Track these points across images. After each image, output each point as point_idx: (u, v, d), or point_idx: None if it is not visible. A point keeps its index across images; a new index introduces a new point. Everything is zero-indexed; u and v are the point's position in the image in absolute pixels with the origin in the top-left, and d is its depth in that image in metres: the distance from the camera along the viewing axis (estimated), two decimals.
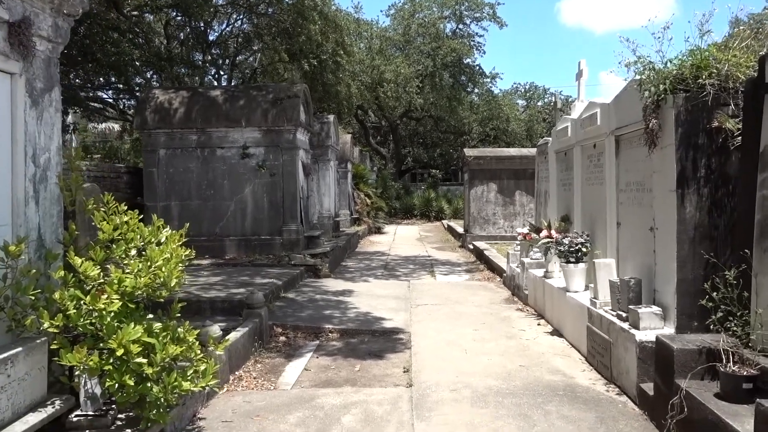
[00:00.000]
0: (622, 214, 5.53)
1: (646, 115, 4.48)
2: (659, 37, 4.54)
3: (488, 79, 37.04)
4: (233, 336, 5.61)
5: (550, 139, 8.72)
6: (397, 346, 6.41)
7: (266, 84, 15.80)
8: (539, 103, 41.42)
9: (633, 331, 4.43)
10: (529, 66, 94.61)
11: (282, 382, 5.34)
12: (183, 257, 3.97)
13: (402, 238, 20.46)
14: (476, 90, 36.81)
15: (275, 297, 8.14)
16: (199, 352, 3.98)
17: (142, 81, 18.15)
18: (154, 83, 18.05)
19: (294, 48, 20.63)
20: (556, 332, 6.60)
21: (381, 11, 77.29)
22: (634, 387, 4.34)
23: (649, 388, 4.11)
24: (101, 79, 15.85)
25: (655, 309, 4.45)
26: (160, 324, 3.76)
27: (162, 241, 4.23)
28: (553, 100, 10.48)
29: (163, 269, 3.71)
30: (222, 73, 23.85)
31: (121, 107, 19.99)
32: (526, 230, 8.96)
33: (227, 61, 24.04)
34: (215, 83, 21.26)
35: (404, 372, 5.49)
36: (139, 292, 3.57)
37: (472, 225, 16.46)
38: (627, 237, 5.41)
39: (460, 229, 19.41)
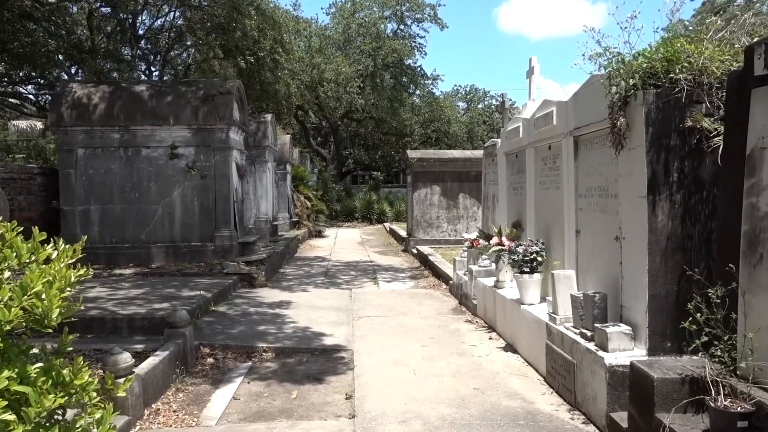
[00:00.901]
0: (582, 222, 5.11)
1: (613, 113, 4.05)
2: (626, 27, 4.13)
3: (429, 81, 36.94)
4: (149, 363, 4.88)
5: (499, 140, 8.32)
6: (339, 366, 5.81)
7: (197, 79, 14.89)
8: (480, 106, 41.62)
9: (601, 353, 3.98)
10: (468, 70, 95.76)
11: (206, 415, 4.64)
12: (73, 279, 3.22)
13: (343, 242, 19.85)
14: (417, 91, 36.59)
15: (204, 311, 7.38)
16: (95, 394, 3.26)
17: (63, 75, 16.87)
18: (79, 78, 16.81)
19: (229, 44, 19.74)
20: (510, 347, 6.15)
21: (321, 9, 76.37)
22: (603, 416, 3.90)
23: (621, 418, 3.66)
24: (20, 73, 14.53)
25: (625, 328, 4.02)
26: (40, 364, 3.02)
27: (53, 258, 3.46)
28: (501, 99, 10.17)
29: (43, 296, 2.97)
30: (153, 69, 22.62)
31: (42, 103, 18.58)
32: (473, 236, 8.52)
33: (158, 56, 22.85)
34: (144, 79, 20.06)
35: (347, 399, 4.89)
36: (8, 327, 2.83)
37: (415, 229, 16.01)
38: (588, 246, 4.99)
39: (403, 233, 18.96)
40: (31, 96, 18.73)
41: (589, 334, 4.28)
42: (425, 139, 37.00)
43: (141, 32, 19.66)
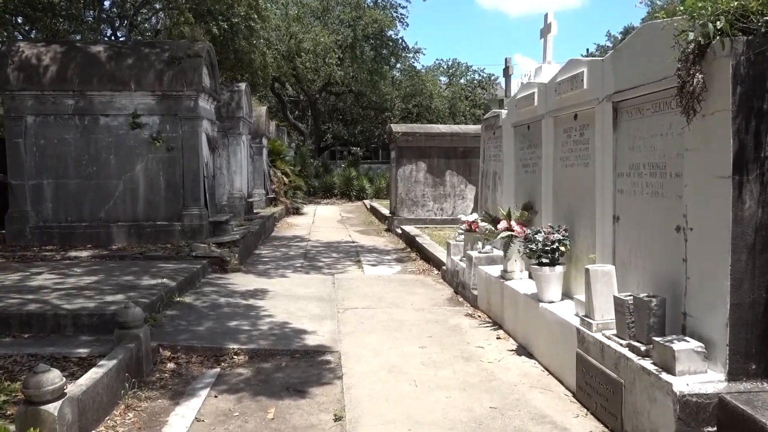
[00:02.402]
0: (622, 206, 4.23)
1: (685, 68, 3.14)
2: None
3: (411, 54, 35.69)
4: (89, 378, 3.90)
5: (503, 111, 7.40)
6: (324, 373, 4.90)
7: (161, 41, 13.63)
8: (462, 81, 40.54)
9: (665, 376, 3.12)
10: (447, 45, 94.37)
11: None
12: None
13: (322, 220, 18.88)
14: (399, 65, 35.34)
15: (166, 304, 6.39)
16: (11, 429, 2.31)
17: (18, 37, 15.43)
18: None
19: (201, 7, 18.45)
20: (524, 351, 5.29)
21: None
22: None
23: None
24: None
25: (695, 345, 3.16)
26: None
27: None
28: (505, 65, 9.20)
29: None
30: (119, 35, 21.14)
31: None
32: (472, 218, 7.64)
33: (125, 21, 21.36)
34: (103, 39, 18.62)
35: (335, 421, 3.99)
36: None
37: (399, 207, 15.09)
38: (631, 237, 4.11)
39: (385, 211, 18.06)
40: None
41: (642, 348, 3.43)
42: (406, 114, 35.88)
43: None
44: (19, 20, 16.16)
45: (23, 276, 7.13)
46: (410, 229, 13.15)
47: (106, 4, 20.32)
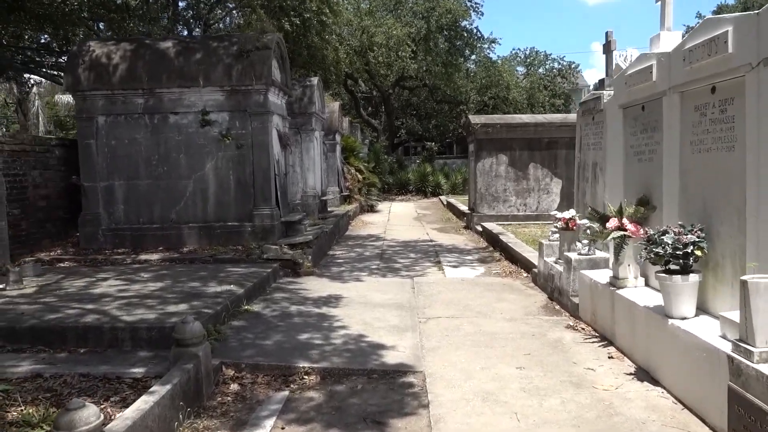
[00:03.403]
0: None
1: None
2: None
3: (486, 45, 34.49)
4: (137, 409, 3.34)
5: (604, 92, 6.45)
6: (407, 400, 4.19)
7: (230, 34, 13.30)
8: (540, 70, 38.87)
9: None
10: (523, 36, 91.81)
11: None
12: None
13: (397, 218, 18.24)
14: (473, 56, 34.19)
15: (232, 314, 5.87)
16: None
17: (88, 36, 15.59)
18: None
19: (273, 4, 18.20)
20: (645, 374, 4.39)
21: None
22: None
23: None
24: (42, 37, 13.25)
25: None
26: None
27: None
28: (607, 39, 8.23)
29: None
30: (194, 35, 21.25)
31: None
32: (568, 215, 6.76)
33: (199, 22, 21.48)
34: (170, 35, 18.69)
35: None
36: None
37: (479, 203, 14.21)
38: None
39: (463, 207, 17.22)
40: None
41: None
42: (481, 107, 34.66)
43: None
44: (100, 25, 16.38)
45: (89, 282, 6.82)
46: (492, 226, 12.27)
47: (181, 4, 20.47)
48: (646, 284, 5.06)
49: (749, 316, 3.14)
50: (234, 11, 21.45)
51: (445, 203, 21.91)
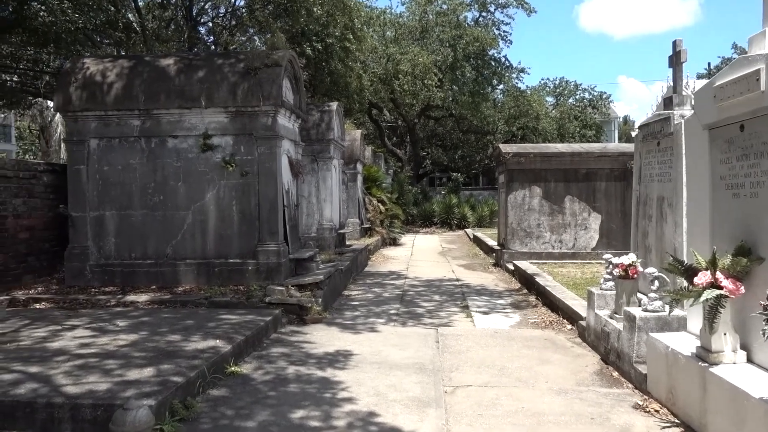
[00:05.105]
0: None
1: None
2: None
3: (515, 74, 33.49)
4: None
5: (676, 111, 5.28)
6: None
7: (237, 51, 12.44)
8: (570, 100, 37.71)
9: None
10: (549, 67, 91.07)
11: None
12: None
13: (421, 252, 17.09)
14: (501, 86, 33.17)
15: (210, 382, 4.72)
16: None
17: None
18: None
19: (294, 28, 17.45)
20: None
21: None
22: None
23: None
24: (43, 54, 12.51)
25: None
26: None
27: None
28: (675, 49, 7.18)
29: None
30: (197, 51, 20.60)
31: None
32: (627, 260, 5.54)
33: (217, 47, 20.86)
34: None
35: None
36: None
37: (510, 238, 12.98)
38: None
39: (491, 242, 16.02)
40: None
41: None
42: (509, 137, 33.48)
43: (195, 14, 17.50)
44: (108, 43, 15.71)
45: (51, 332, 5.76)
46: (526, 265, 11.03)
47: (202, 30, 19.89)
48: (749, 360, 3.81)
49: None
50: (254, 36, 20.82)
51: (471, 237, 20.69)
